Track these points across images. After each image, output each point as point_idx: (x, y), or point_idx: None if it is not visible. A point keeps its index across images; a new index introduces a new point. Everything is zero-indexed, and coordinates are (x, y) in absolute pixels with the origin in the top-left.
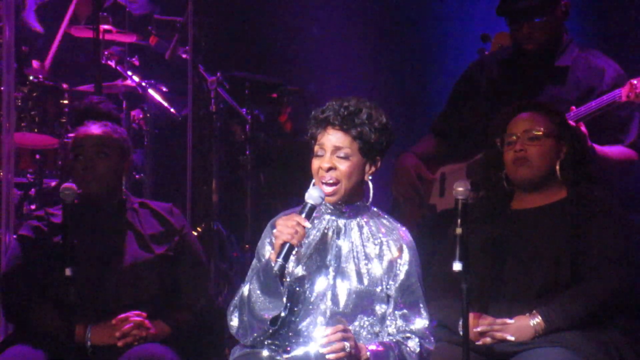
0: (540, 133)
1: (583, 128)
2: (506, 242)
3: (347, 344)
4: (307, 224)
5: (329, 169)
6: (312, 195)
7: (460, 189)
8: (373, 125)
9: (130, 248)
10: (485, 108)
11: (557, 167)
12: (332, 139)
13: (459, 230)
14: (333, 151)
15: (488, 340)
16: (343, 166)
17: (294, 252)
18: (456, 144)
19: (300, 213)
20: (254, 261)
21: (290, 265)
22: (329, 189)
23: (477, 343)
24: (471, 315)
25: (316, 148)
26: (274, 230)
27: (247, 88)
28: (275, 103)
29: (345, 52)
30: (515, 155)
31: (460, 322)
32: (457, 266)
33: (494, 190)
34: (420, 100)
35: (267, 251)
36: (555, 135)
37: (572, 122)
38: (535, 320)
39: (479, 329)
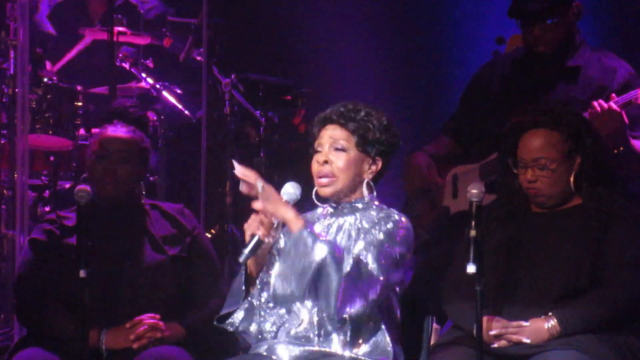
0: (550, 161)
1: (625, 117)
2: (525, 244)
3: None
4: (274, 219)
5: (325, 162)
6: (287, 190)
7: (475, 191)
8: (372, 121)
9: (143, 250)
10: (497, 109)
11: (572, 180)
12: (329, 133)
13: (473, 233)
14: (330, 145)
15: (503, 343)
16: (339, 160)
17: (262, 245)
18: (469, 145)
19: None
20: None
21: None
22: (324, 181)
23: (492, 346)
24: (486, 318)
25: (316, 144)
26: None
27: (261, 90)
28: (289, 105)
29: (360, 53)
30: (527, 186)
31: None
32: (471, 268)
33: (513, 195)
34: (435, 102)
35: None
36: (566, 154)
37: (616, 108)
38: (551, 323)
39: (494, 332)
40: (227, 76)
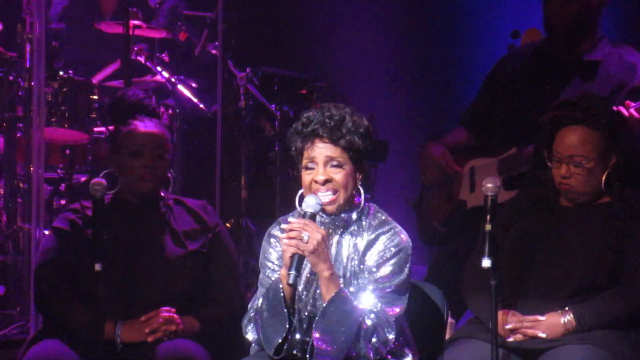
0: (586, 159)
1: None
2: (549, 237)
3: (306, 236)
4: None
5: (326, 182)
6: (310, 203)
7: (490, 185)
8: (359, 132)
9: (164, 244)
10: (515, 102)
11: (603, 178)
12: (323, 151)
13: (488, 227)
14: (325, 163)
15: (519, 337)
16: (338, 176)
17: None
18: (486, 136)
19: None
20: (261, 274)
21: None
22: (327, 199)
23: (508, 340)
24: (502, 312)
25: (305, 162)
26: (282, 243)
27: (276, 84)
28: (304, 99)
29: (374, 48)
30: (560, 181)
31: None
32: (486, 262)
33: (543, 187)
34: (450, 97)
35: (271, 265)
36: (602, 153)
37: (636, 114)
38: (567, 318)
39: (509, 326)
40: (242, 70)
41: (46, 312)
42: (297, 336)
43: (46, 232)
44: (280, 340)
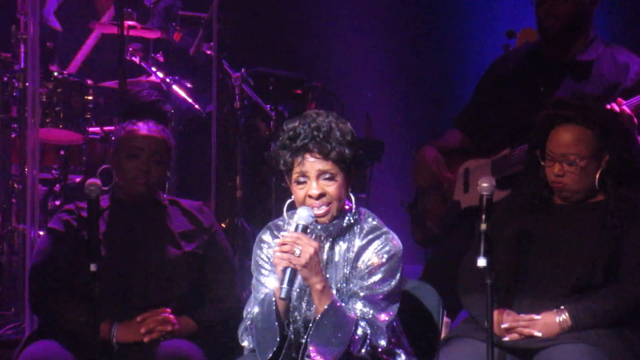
0: (580, 157)
1: (635, 119)
2: (543, 236)
3: (298, 250)
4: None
5: (320, 196)
6: (303, 215)
7: (485, 184)
8: (346, 140)
9: (160, 245)
10: (509, 103)
11: (597, 176)
12: (315, 165)
13: (483, 226)
14: (317, 176)
15: (515, 336)
16: (332, 188)
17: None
18: (480, 138)
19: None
20: (254, 279)
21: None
22: (321, 211)
23: (503, 339)
24: (497, 312)
25: (296, 176)
26: (273, 257)
27: (272, 84)
28: (299, 99)
29: (370, 48)
30: (553, 179)
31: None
32: (481, 262)
33: (537, 186)
34: (445, 97)
35: (263, 270)
36: (596, 151)
37: (628, 111)
38: (562, 317)
39: (505, 325)
40: (237, 70)
41: (40, 313)
42: (292, 342)
43: (41, 233)
44: (271, 354)
